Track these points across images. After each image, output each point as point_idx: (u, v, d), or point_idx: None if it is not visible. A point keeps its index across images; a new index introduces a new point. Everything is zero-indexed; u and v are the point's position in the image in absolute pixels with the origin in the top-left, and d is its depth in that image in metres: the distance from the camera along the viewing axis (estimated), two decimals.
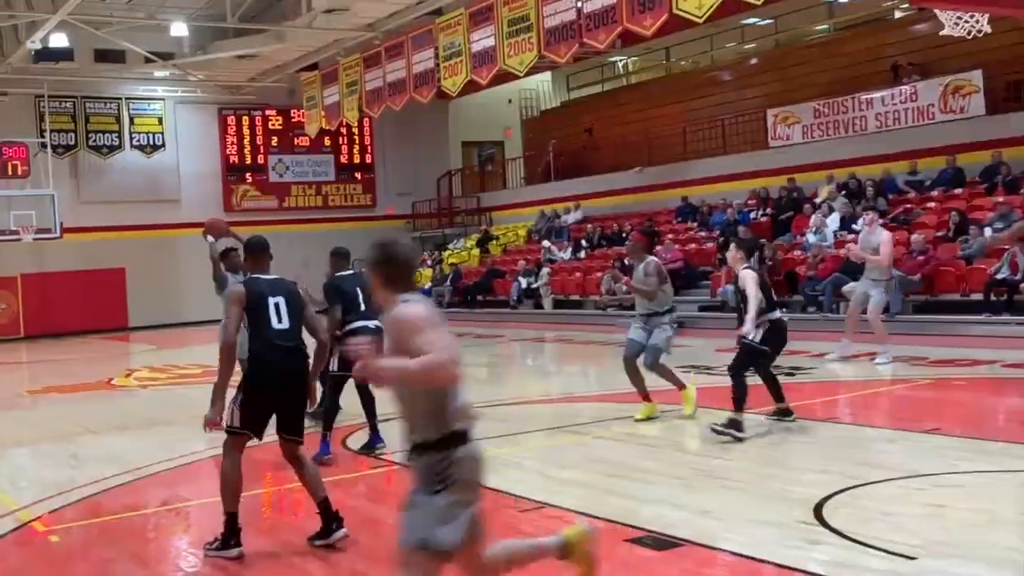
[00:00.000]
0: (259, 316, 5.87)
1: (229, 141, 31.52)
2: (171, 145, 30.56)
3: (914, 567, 4.91)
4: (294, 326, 5.92)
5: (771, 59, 26.00)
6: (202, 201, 30.78)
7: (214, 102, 31.19)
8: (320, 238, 28.08)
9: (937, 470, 6.82)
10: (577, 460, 7.89)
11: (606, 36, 17.25)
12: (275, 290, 5.97)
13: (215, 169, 31.36)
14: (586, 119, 30.09)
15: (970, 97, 18.75)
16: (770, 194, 21.41)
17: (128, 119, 29.99)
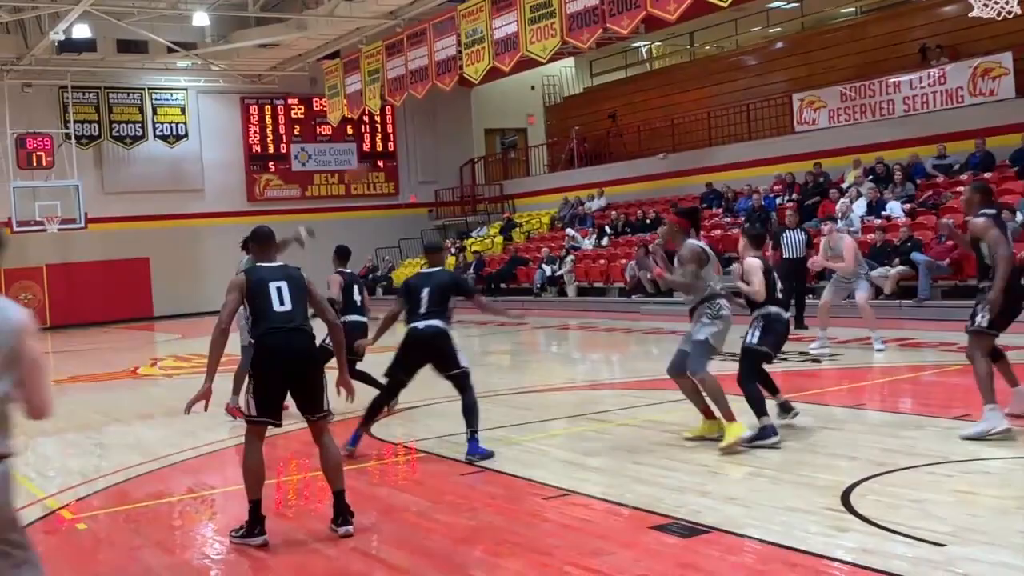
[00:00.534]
0: (260, 301, 5.91)
1: (252, 130, 31.63)
2: (194, 135, 30.71)
3: (942, 554, 4.85)
4: (296, 308, 5.93)
5: (797, 43, 25.76)
6: (225, 191, 31.01)
7: (236, 91, 31.29)
8: (343, 226, 28.20)
9: (966, 456, 6.74)
10: (601, 447, 7.83)
11: (629, 21, 17.20)
12: (276, 275, 6.00)
13: (238, 159, 31.50)
14: (609, 105, 29.93)
15: (1000, 79, 18.47)
16: (796, 179, 21.22)
17: (151, 109, 30.16)
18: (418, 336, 7.67)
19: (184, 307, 29.10)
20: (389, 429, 9.00)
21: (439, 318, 7.71)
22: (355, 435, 7.96)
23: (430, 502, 6.54)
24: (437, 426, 9.10)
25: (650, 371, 12.43)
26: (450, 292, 7.91)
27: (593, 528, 5.80)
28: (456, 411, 9.74)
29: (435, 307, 7.72)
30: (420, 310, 7.72)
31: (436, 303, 7.73)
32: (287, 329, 5.85)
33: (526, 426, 9.00)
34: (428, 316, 7.69)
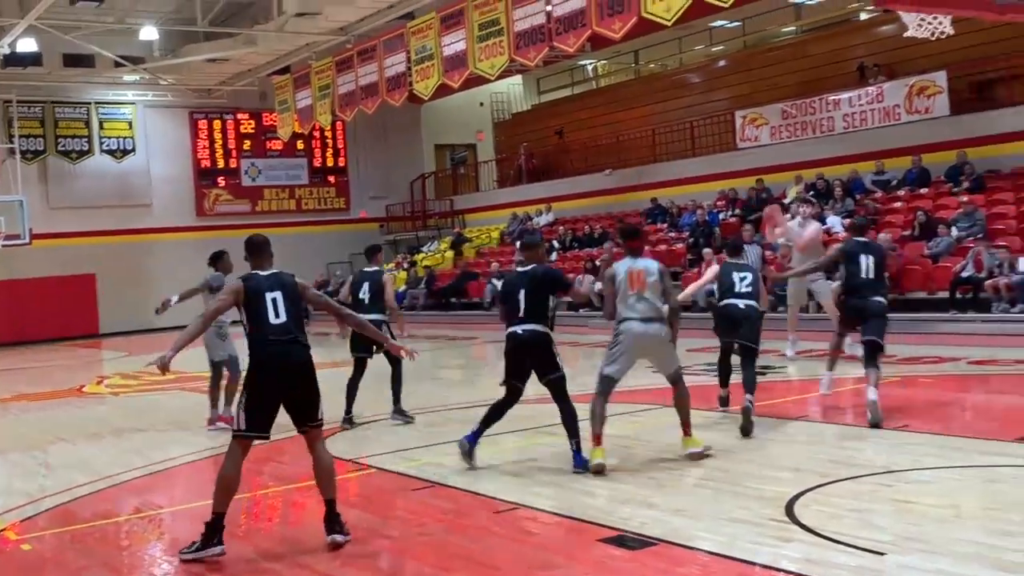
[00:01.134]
0: (256, 312, 5.94)
1: (200, 145, 31.49)
2: (141, 149, 30.49)
3: (883, 562, 4.98)
4: (291, 320, 5.97)
5: (739, 61, 26.32)
6: (174, 206, 30.83)
7: (185, 106, 31.13)
8: (294, 242, 28.16)
9: (905, 466, 6.93)
10: (551, 462, 7.88)
11: (575, 40, 17.40)
12: (272, 285, 6.03)
13: (187, 173, 31.33)
14: (557, 122, 30.30)
15: (935, 98, 19.01)
16: (739, 195, 21.63)
17: (98, 124, 29.92)
18: (518, 340, 7.54)
19: (131, 324, 28.82)
20: (339, 445, 9.00)
21: (538, 322, 7.50)
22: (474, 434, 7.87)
23: (380, 518, 6.56)
24: (389, 441, 9.12)
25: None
26: (547, 293, 7.66)
27: (542, 541, 5.89)
28: (408, 429, 9.92)
29: (533, 311, 7.51)
30: (519, 313, 7.54)
31: (534, 307, 7.52)
32: (283, 342, 5.90)
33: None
34: (526, 320, 7.50)
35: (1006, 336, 13.92)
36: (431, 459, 8.25)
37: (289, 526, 6.62)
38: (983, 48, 19.02)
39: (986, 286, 15.13)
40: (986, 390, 10.89)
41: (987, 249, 15.48)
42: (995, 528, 5.43)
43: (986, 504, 6.00)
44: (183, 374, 16.53)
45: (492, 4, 18.91)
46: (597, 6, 16.45)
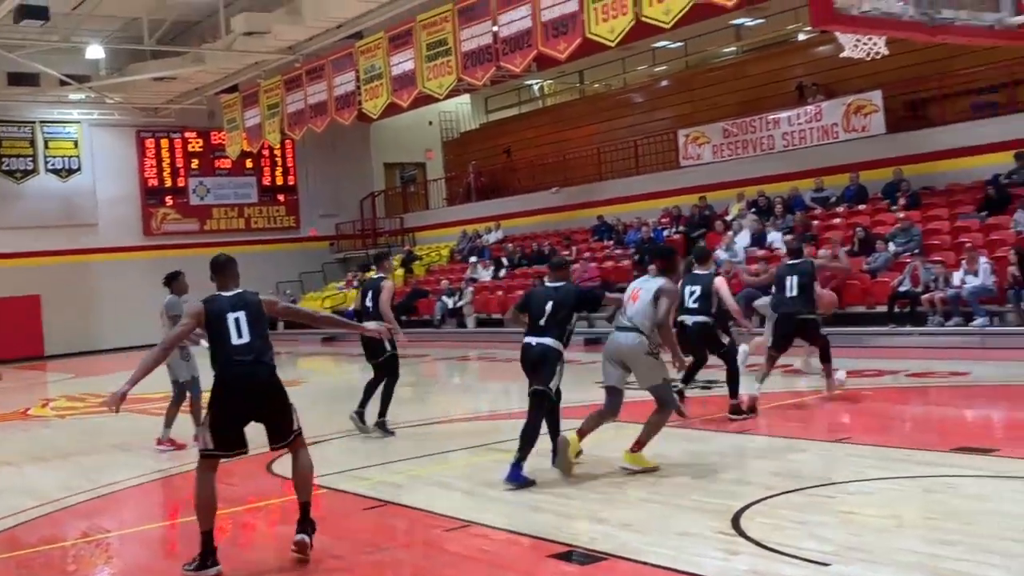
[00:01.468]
0: (219, 333, 5.93)
1: (148, 164, 31.28)
2: (87, 169, 30.25)
3: (827, 573, 5.10)
4: (255, 339, 5.94)
5: (681, 81, 26.78)
6: (120, 225, 30.59)
7: (132, 125, 30.93)
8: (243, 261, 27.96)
9: (847, 478, 7.07)
10: (501, 478, 7.79)
11: (522, 60, 17.66)
12: (236, 305, 6.01)
13: (133, 192, 31.10)
14: (504, 140, 30.61)
15: (871, 116, 19.56)
16: (682, 212, 22.00)
17: (43, 143, 29.63)
18: (530, 352, 7.66)
19: (77, 345, 28.53)
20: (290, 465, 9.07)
21: (553, 336, 7.60)
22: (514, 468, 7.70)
23: (332, 539, 6.49)
24: (340, 460, 9.12)
25: None
26: (573, 310, 7.76)
27: (493, 558, 5.93)
28: (359, 446, 9.96)
29: (553, 324, 7.62)
30: (540, 323, 7.66)
31: (555, 320, 7.62)
32: (246, 363, 5.88)
33: (428, 458, 9.06)
34: (543, 333, 7.63)
35: (942, 349, 14.28)
36: (383, 477, 8.27)
37: (239, 548, 6.57)
38: (916, 68, 19.58)
39: (923, 300, 15.52)
40: (924, 402, 11.08)
41: (923, 264, 15.91)
42: (934, 537, 5.57)
43: (925, 514, 6.14)
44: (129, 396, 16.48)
45: (440, 24, 19.11)
46: (543, 27, 16.71)
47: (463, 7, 18.58)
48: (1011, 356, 13.44)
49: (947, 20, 8.39)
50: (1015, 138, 17.49)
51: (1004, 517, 5.84)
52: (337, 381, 18.71)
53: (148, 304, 28.51)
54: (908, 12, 8.08)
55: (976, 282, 14.91)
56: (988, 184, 17.18)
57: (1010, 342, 14.13)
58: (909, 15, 8.09)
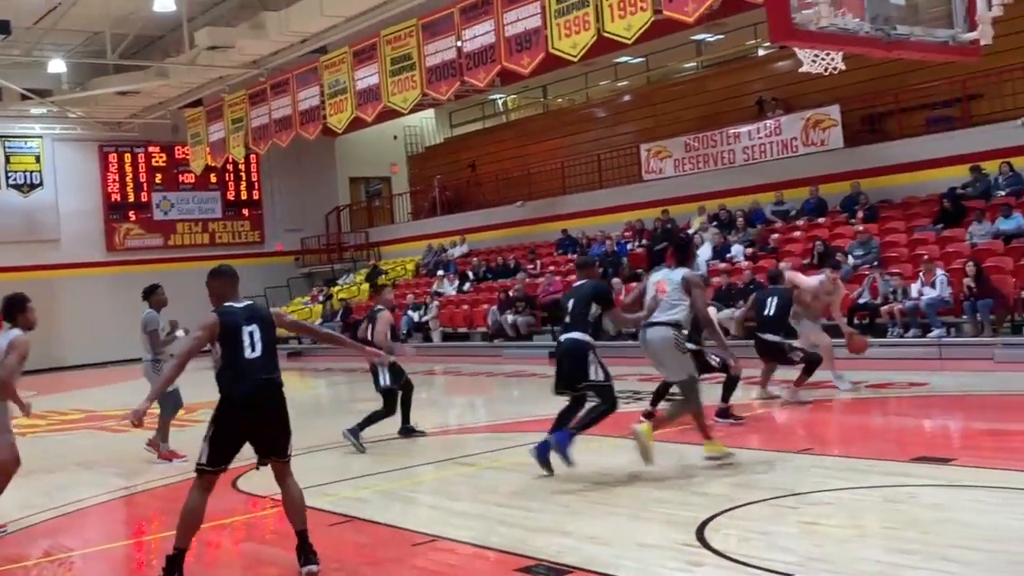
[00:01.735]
0: (232, 346, 5.75)
1: (111, 179, 31.09)
2: (50, 184, 30.02)
3: None
4: (267, 354, 5.81)
5: (643, 96, 27.03)
6: (83, 241, 30.37)
7: (95, 139, 30.76)
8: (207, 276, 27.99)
9: (809, 488, 7.16)
10: (468, 491, 8.02)
11: (486, 74, 17.80)
12: (250, 318, 5.85)
13: (96, 208, 30.89)
14: (469, 155, 30.76)
15: (829, 130, 19.84)
16: (645, 225, 22.20)
17: (4, 158, 29.43)
18: (558, 347, 8.12)
19: (39, 363, 28.05)
20: (255, 481, 8.83)
21: (579, 329, 7.97)
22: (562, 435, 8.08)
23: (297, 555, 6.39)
24: (306, 476, 8.83)
25: (513, 414, 12.93)
26: (591, 302, 8.07)
27: (459, 573, 5.96)
28: (325, 462, 9.89)
29: (577, 318, 8.00)
30: (565, 320, 8.09)
31: (577, 313, 8.02)
32: (257, 380, 5.73)
33: (394, 473, 9.06)
34: (569, 328, 8.03)
35: (901, 360, 14.47)
36: (348, 493, 8.27)
37: (204, 566, 6.52)
38: (873, 83, 19.87)
39: (882, 312, 15.75)
40: (883, 412, 11.19)
41: (882, 276, 16.15)
42: (894, 547, 5.63)
43: (886, 524, 6.21)
44: (92, 413, 16.39)
45: (404, 39, 19.24)
46: (506, 42, 16.89)
47: (427, 22, 18.73)
48: (967, 367, 13.64)
49: (903, 36, 8.57)
50: (969, 152, 17.81)
51: (962, 526, 5.95)
52: (303, 397, 18.67)
53: (112, 320, 28.72)
54: (865, 28, 8.26)
55: (933, 294, 15.15)
56: (943, 197, 17.49)
57: (966, 352, 14.33)
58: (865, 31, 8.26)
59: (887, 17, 8.46)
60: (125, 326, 28.95)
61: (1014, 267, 15.11)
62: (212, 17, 23.74)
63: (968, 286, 14.68)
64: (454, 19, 18.04)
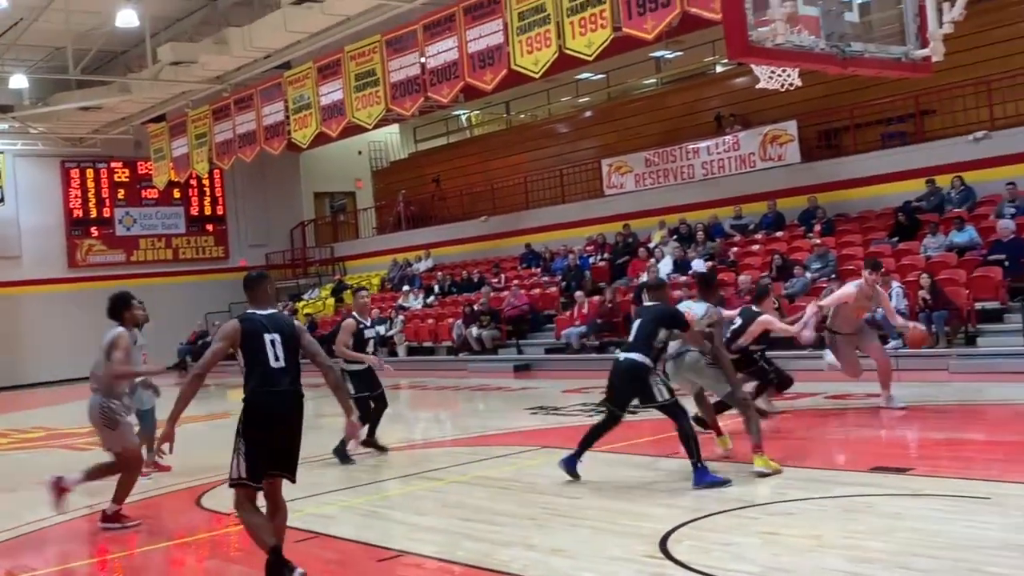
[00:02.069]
0: (255, 355, 5.65)
1: (73, 194, 30.95)
2: (10, 200, 29.81)
3: None
4: (291, 365, 5.70)
5: (604, 112, 27.29)
6: (44, 257, 30.15)
7: (57, 155, 30.59)
8: (171, 292, 27.91)
9: (769, 499, 7.25)
10: (433, 506, 8.02)
11: (449, 90, 17.95)
12: (272, 326, 5.74)
13: (58, 224, 30.72)
14: (433, 170, 30.88)
15: (787, 146, 20.14)
16: (607, 240, 22.40)
17: None
18: (616, 367, 8.12)
19: (1, 380, 28.00)
20: (219, 498, 8.89)
21: (640, 351, 7.98)
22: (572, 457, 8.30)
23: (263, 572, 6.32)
24: None
25: (479, 427, 13.02)
26: (660, 326, 8.07)
27: None
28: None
29: (640, 339, 8.02)
30: (629, 338, 8.13)
31: (642, 335, 8.02)
32: (280, 391, 5.65)
33: (360, 488, 9.09)
34: (630, 348, 8.06)
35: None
36: (313, 509, 8.25)
37: None
38: (829, 99, 20.25)
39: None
40: (842, 423, 11.28)
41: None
42: (855, 556, 5.70)
43: (846, 533, 6.24)
44: (54, 431, 16.26)
45: (368, 55, 19.34)
46: (469, 59, 17.05)
47: (391, 38, 18.86)
48: (923, 377, 13.82)
49: (857, 53, 8.71)
50: (923, 167, 18.18)
51: (920, 534, 6.04)
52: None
53: (74, 337, 28.46)
54: (820, 45, 8.39)
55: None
56: (898, 211, 17.82)
57: (922, 364, 14.53)
58: (821, 48, 8.39)
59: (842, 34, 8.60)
60: (88, 343, 28.69)
61: (967, 279, 15.42)
62: (175, 32, 23.74)
63: (923, 298, 14.94)
64: (417, 36, 18.18)
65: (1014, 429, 9.63)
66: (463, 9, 17.17)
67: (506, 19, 16.27)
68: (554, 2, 15.38)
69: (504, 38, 16.37)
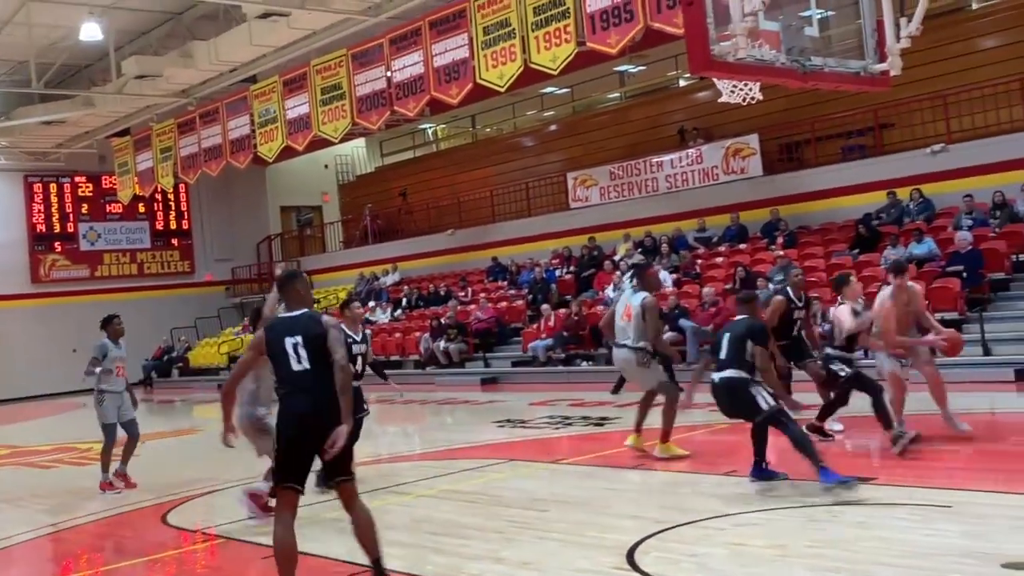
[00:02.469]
0: (277, 359, 5.64)
1: (36, 209, 30.67)
2: None
3: None
4: (316, 366, 5.56)
5: (569, 125, 27.45)
6: (7, 273, 29.84)
7: (19, 169, 30.33)
8: (136, 308, 27.64)
9: (736, 510, 7.26)
10: (401, 520, 7.98)
11: (415, 104, 18.01)
12: (294, 329, 5.62)
13: (21, 239, 30.42)
14: (400, 183, 30.90)
15: (749, 159, 20.36)
16: (572, 253, 22.50)
17: None
18: (714, 388, 8.04)
19: None
20: (186, 515, 8.99)
21: (734, 367, 7.86)
22: (759, 469, 8.04)
23: None
24: (237, 510, 8.85)
25: (446, 441, 12.99)
26: (746, 341, 7.89)
27: None
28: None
29: (731, 355, 7.89)
30: (720, 356, 8.00)
31: (732, 351, 7.88)
32: (303, 390, 5.56)
33: (327, 503, 8.74)
34: (723, 366, 7.95)
35: None
36: None
37: None
38: (790, 113, 20.52)
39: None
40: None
41: None
42: (819, 565, 5.75)
43: (810, 542, 6.30)
44: (17, 448, 16.10)
45: (334, 69, 19.37)
46: (435, 72, 17.13)
47: (356, 52, 18.91)
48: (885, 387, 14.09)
49: (817, 67, 8.82)
50: (882, 179, 18.45)
51: (883, 542, 6.09)
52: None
53: (37, 354, 28.18)
54: (781, 60, 8.49)
55: None
56: (859, 223, 18.06)
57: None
58: (782, 62, 8.49)
59: (802, 49, 8.71)
60: (51, 359, 28.65)
61: (926, 290, 15.62)
62: (140, 46, 23.63)
63: None
64: (383, 50, 18.25)
65: (974, 438, 9.77)
66: (429, 23, 17.27)
67: (471, 33, 16.37)
68: (519, 17, 15.49)
69: (470, 52, 16.47)
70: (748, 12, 7.82)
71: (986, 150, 17.21)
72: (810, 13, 9.01)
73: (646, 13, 13.79)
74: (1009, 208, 16.55)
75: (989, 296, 15.48)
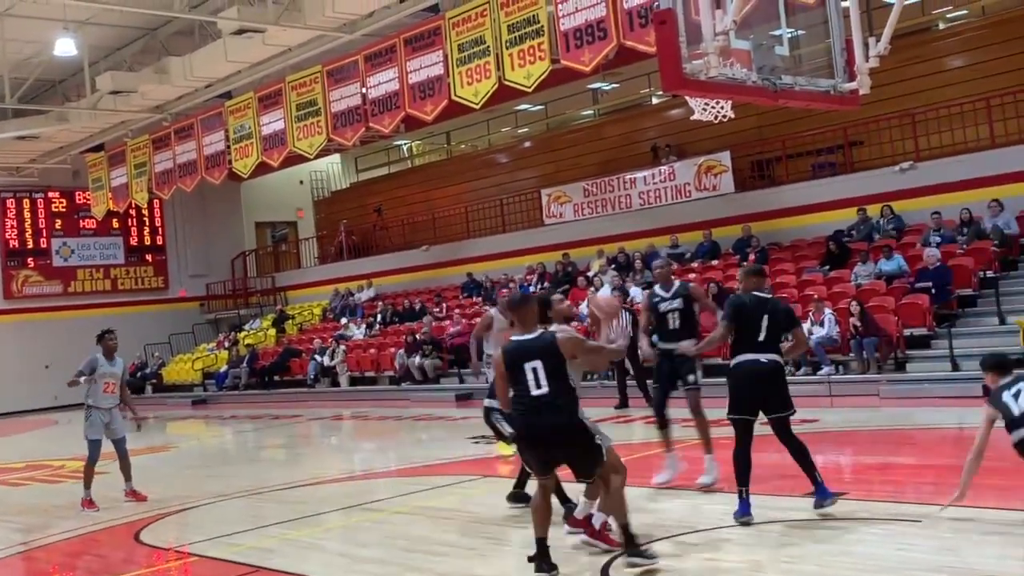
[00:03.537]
0: (516, 381, 5.83)
1: (8, 225, 30.42)
2: None
3: None
4: (554, 389, 5.80)
5: (543, 142, 27.52)
6: None
7: None
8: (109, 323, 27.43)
9: (710, 525, 7.31)
10: (376, 538, 7.99)
11: (390, 120, 18.10)
12: (530, 353, 5.82)
13: None
14: (375, 199, 30.90)
15: (721, 176, 20.46)
16: (546, 268, 22.57)
17: None
18: (760, 369, 7.08)
19: None
20: (158, 533, 8.97)
21: (776, 351, 7.15)
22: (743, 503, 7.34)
23: None
24: (210, 527, 9.00)
25: (421, 458, 12.97)
26: (786, 321, 7.27)
27: None
28: (230, 511, 9.84)
29: (774, 337, 7.12)
30: (759, 338, 7.02)
31: (774, 332, 7.10)
32: (544, 420, 5.85)
33: (301, 520, 9.04)
34: (766, 348, 7.08)
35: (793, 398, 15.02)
36: (253, 543, 8.25)
37: None
38: (761, 131, 20.69)
39: None
40: (777, 449, 11.33)
41: None
42: None
43: (783, 557, 6.34)
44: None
45: (309, 85, 19.43)
46: (410, 89, 17.22)
47: (332, 69, 18.97)
48: (856, 403, 14.10)
49: (788, 85, 8.88)
50: (852, 196, 18.66)
51: (854, 557, 6.16)
52: (207, 445, 18.51)
53: (11, 370, 27.91)
54: (752, 78, 8.55)
55: (822, 332, 15.74)
56: (829, 240, 18.25)
57: (854, 389, 14.85)
58: (753, 81, 8.54)
59: (773, 67, 8.79)
60: (24, 376, 28.45)
61: (896, 307, 15.84)
62: (115, 61, 23.56)
63: (854, 325, 15.30)
64: (359, 66, 18.34)
65: (943, 453, 9.90)
66: (404, 40, 17.37)
67: (446, 51, 16.49)
68: (494, 34, 15.62)
69: (444, 69, 16.58)
70: (719, 31, 7.91)
71: (954, 168, 17.43)
72: (781, 32, 9.12)
73: (619, 31, 13.95)
74: (976, 225, 16.78)
75: (957, 312, 15.66)
